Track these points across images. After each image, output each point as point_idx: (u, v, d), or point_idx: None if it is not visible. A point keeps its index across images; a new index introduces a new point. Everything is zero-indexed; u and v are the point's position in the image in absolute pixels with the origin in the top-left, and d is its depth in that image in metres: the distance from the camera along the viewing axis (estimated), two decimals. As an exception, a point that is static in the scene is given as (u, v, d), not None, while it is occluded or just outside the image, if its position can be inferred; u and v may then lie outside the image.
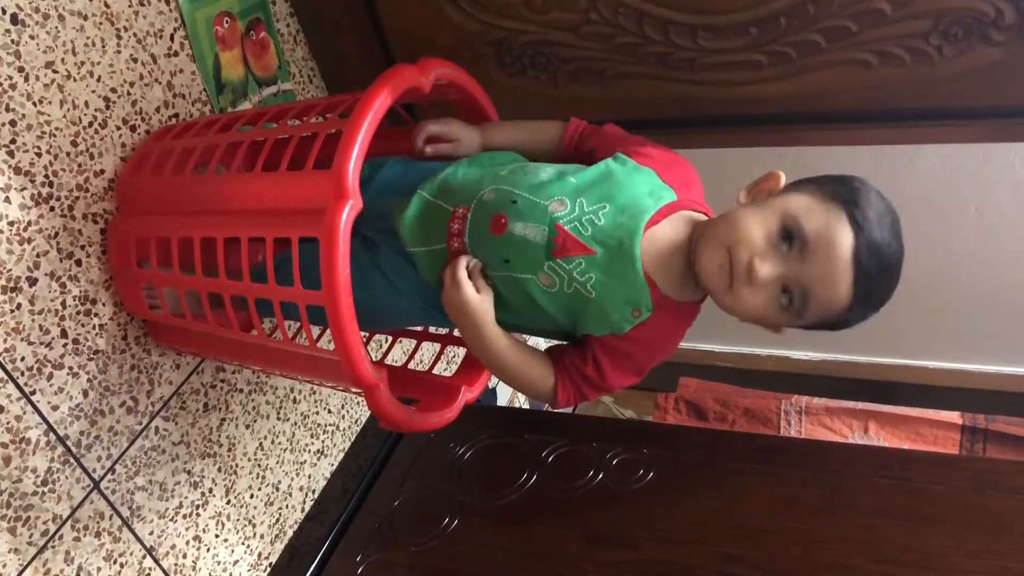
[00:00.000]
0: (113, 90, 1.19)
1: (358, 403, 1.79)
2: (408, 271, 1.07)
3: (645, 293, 0.97)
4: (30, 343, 1.09)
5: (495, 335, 1.00)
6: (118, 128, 1.20)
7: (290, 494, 1.60)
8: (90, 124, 1.15)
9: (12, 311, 1.06)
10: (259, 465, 1.51)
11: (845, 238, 0.87)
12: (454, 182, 1.06)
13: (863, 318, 0.93)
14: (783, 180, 0.98)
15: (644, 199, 0.98)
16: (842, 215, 0.88)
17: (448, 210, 1.03)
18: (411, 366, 1.29)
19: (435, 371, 1.26)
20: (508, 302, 1.02)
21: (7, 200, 1.05)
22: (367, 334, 1.37)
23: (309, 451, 1.64)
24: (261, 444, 1.51)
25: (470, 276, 0.99)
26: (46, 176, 1.10)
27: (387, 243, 1.09)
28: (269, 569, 1.55)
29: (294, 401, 1.59)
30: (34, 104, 1.08)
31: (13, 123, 1.06)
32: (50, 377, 1.11)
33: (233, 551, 1.46)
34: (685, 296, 1.01)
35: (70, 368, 1.14)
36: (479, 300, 0.98)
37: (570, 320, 1.01)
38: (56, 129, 1.11)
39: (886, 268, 0.90)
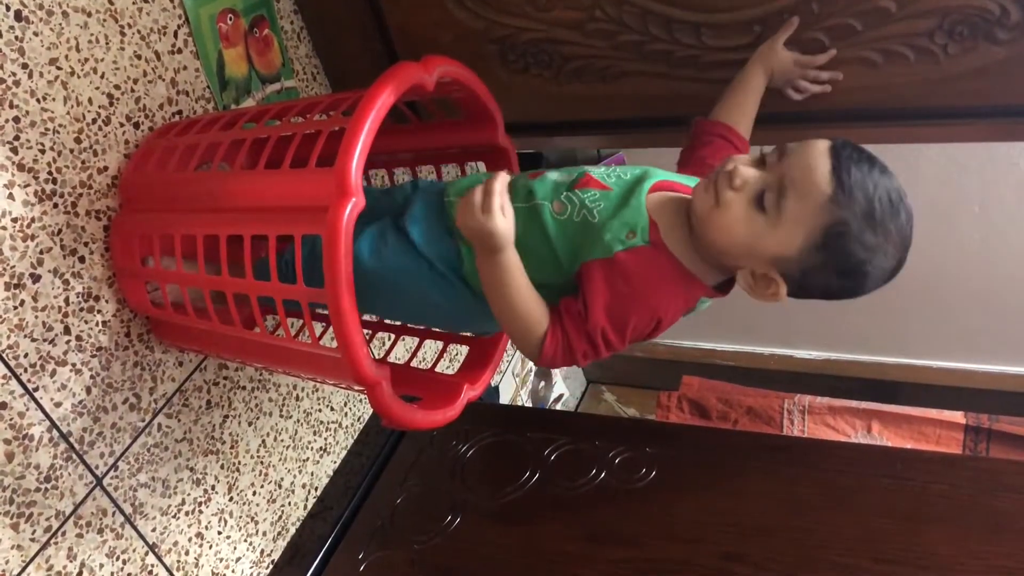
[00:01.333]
0: (117, 87, 1.19)
1: (361, 401, 1.79)
2: (434, 225, 1.11)
3: (644, 221, 0.99)
4: (33, 340, 1.09)
5: (515, 262, 0.97)
6: (121, 125, 1.20)
7: (292, 491, 1.60)
8: (94, 121, 1.15)
9: (15, 308, 1.06)
10: (262, 462, 1.51)
11: (821, 141, 0.90)
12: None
13: (858, 239, 0.89)
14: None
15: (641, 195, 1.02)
16: (824, 140, 0.90)
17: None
18: (413, 364, 1.29)
19: (437, 369, 1.26)
20: (517, 239, 1.01)
21: (11, 197, 1.05)
22: (370, 332, 1.37)
23: (312, 448, 1.65)
24: (264, 441, 1.52)
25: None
26: (50, 173, 1.10)
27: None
28: (271, 566, 1.55)
29: (297, 398, 1.60)
30: (38, 101, 1.08)
31: (17, 120, 1.06)
32: (53, 374, 1.12)
33: (236, 548, 1.46)
34: (684, 258, 0.99)
35: (73, 365, 1.14)
36: (507, 224, 0.95)
37: (571, 254, 1.01)
38: (60, 126, 1.11)
39: (871, 170, 0.89)
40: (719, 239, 0.95)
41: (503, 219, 0.94)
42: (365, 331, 1.07)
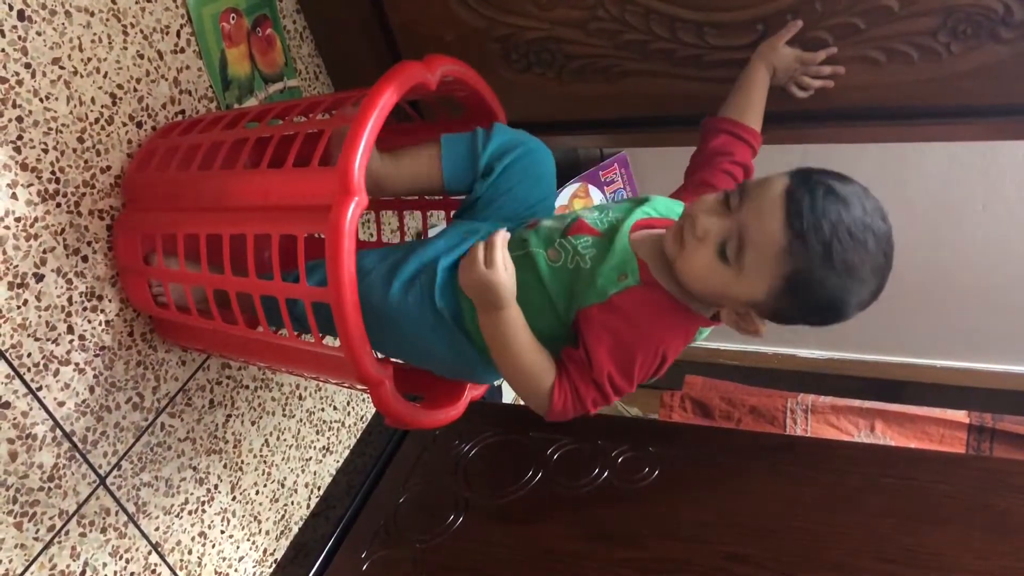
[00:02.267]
0: (120, 86, 1.19)
1: (363, 400, 1.79)
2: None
3: (633, 263, 0.99)
4: (36, 339, 1.09)
5: (516, 314, 0.98)
6: (124, 124, 1.20)
7: (295, 491, 1.60)
8: (96, 120, 1.16)
9: (19, 307, 1.07)
10: (265, 462, 1.51)
11: (779, 181, 0.89)
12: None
13: (822, 283, 0.87)
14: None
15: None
16: (783, 175, 0.90)
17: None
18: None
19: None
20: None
21: (14, 196, 1.05)
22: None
23: (315, 448, 1.65)
24: (267, 440, 1.52)
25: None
26: (53, 172, 1.10)
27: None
28: (274, 565, 1.55)
29: (300, 398, 1.60)
30: (41, 100, 1.08)
31: (20, 119, 1.06)
32: (56, 373, 1.12)
33: (238, 547, 1.46)
34: (677, 293, 0.99)
35: (76, 364, 1.14)
36: (509, 278, 0.96)
37: (567, 301, 1.01)
38: (63, 125, 1.11)
39: (827, 209, 0.86)
40: (691, 285, 0.97)
41: (505, 273, 0.95)
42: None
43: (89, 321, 1.16)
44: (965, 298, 2.09)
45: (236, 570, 1.46)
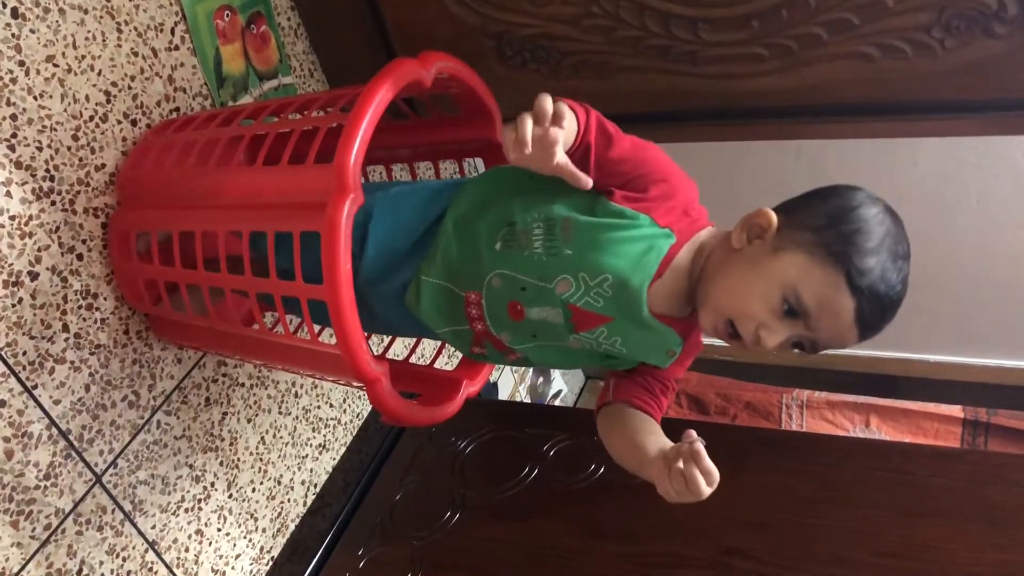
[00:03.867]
0: (114, 84, 1.19)
1: (360, 397, 1.79)
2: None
3: (671, 336, 1.00)
4: (32, 337, 1.09)
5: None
6: (119, 122, 1.19)
7: (292, 488, 1.60)
8: (91, 118, 1.15)
9: (14, 305, 1.06)
10: (261, 459, 1.51)
11: (847, 306, 0.88)
12: (453, 256, 1.02)
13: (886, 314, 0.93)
14: (774, 220, 0.93)
15: (644, 259, 0.95)
16: (840, 279, 0.87)
17: (460, 295, 1.03)
18: (412, 360, 1.30)
19: (436, 365, 1.26)
20: (543, 358, 1.06)
21: (8, 194, 1.05)
22: (368, 328, 1.37)
23: (311, 445, 1.65)
24: (263, 438, 1.52)
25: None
26: (47, 170, 1.10)
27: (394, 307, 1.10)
28: (271, 563, 1.55)
29: (296, 395, 1.60)
30: (35, 98, 1.08)
31: (14, 117, 1.05)
32: (52, 371, 1.12)
33: (235, 545, 1.46)
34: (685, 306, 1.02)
35: (72, 362, 1.14)
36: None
37: (609, 359, 1.05)
38: (57, 123, 1.11)
39: (890, 310, 0.91)
40: None
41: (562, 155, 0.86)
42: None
43: (84, 319, 1.16)
44: (960, 293, 2.09)
45: (233, 568, 1.46)
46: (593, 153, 0.91)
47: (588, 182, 0.89)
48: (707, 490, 0.86)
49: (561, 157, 0.85)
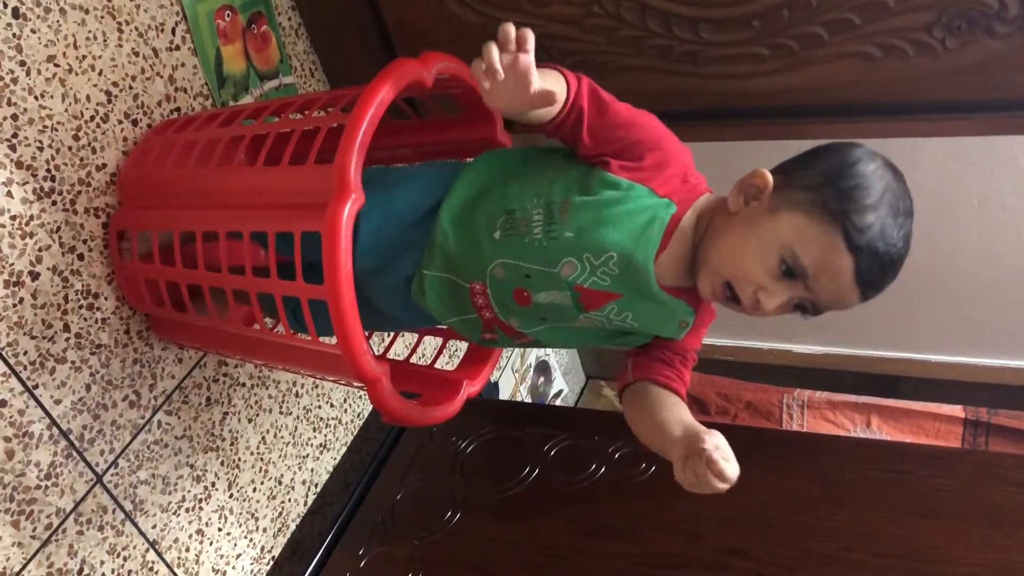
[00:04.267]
0: (115, 84, 1.19)
1: (360, 397, 1.79)
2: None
3: (682, 307, 0.99)
4: (33, 337, 1.09)
5: None
6: (120, 122, 1.19)
7: (292, 488, 1.60)
8: (92, 118, 1.15)
9: (15, 305, 1.06)
10: (262, 459, 1.51)
11: (845, 265, 0.86)
12: (452, 251, 1.01)
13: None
14: (770, 180, 0.92)
15: (646, 232, 0.93)
16: (837, 237, 0.86)
17: (464, 286, 1.03)
18: (413, 360, 1.30)
19: (437, 365, 1.26)
20: (555, 339, 1.06)
21: (9, 194, 1.05)
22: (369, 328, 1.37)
23: (311, 445, 1.65)
24: (264, 438, 1.52)
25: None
26: (48, 170, 1.10)
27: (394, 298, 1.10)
28: (272, 563, 1.55)
29: (296, 395, 1.60)
30: (36, 98, 1.08)
31: (15, 117, 1.06)
32: (53, 371, 1.12)
33: (236, 544, 1.46)
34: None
35: (73, 362, 1.14)
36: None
37: (622, 337, 1.04)
38: (58, 123, 1.11)
39: (890, 268, 0.88)
40: None
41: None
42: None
43: (85, 319, 1.16)
44: (961, 293, 2.09)
45: (234, 567, 1.46)
46: (586, 118, 0.90)
47: (561, 95, 0.88)
48: (721, 487, 0.84)
49: (536, 83, 0.83)
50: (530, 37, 0.82)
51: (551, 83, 0.85)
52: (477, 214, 1.01)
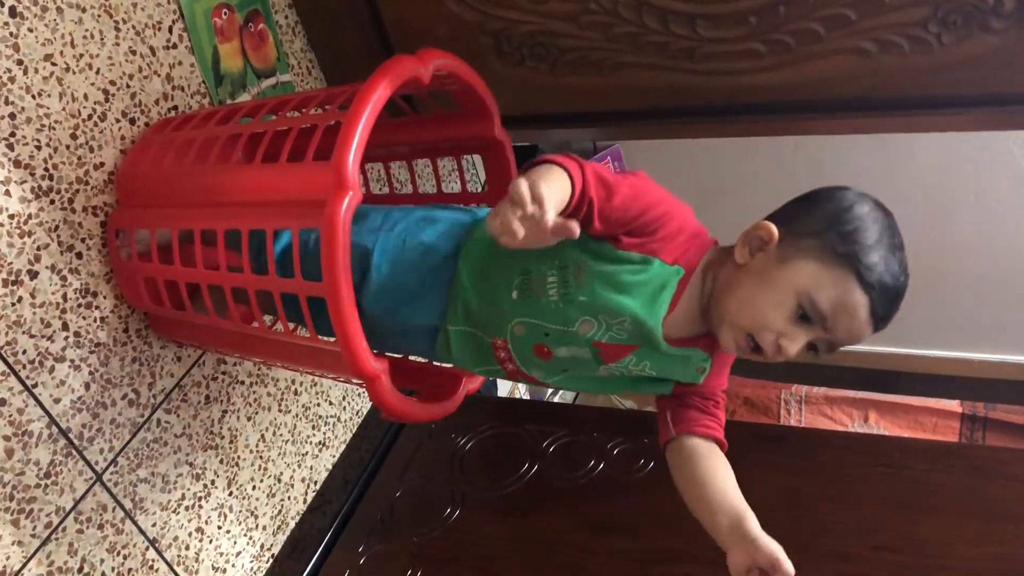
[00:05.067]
0: (112, 83, 1.19)
1: (359, 394, 1.79)
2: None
3: (697, 355, 1.03)
4: (31, 336, 1.09)
5: None
6: (117, 121, 1.19)
7: (292, 485, 1.60)
8: (89, 117, 1.15)
9: (13, 304, 1.07)
10: (261, 457, 1.51)
11: (861, 303, 0.91)
12: (473, 307, 1.03)
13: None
14: (775, 232, 0.94)
15: (657, 299, 0.97)
16: (851, 278, 0.90)
17: (487, 341, 1.05)
18: (412, 357, 1.30)
19: (436, 362, 1.26)
20: (577, 386, 1.11)
21: (7, 193, 1.05)
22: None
23: (311, 443, 1.65)
24: (263, 436, 1.52)
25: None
26: (46, 169, 1.10)
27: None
28: (271, 560, 1.55)
29: (295, 393, 1.60)
30: (33, 97, 1.08)
31: (12, 116, 1.06)
32: (52, 370, 1.12)
33: (236, 542, 1.46)
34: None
35: (72, 361, 1.14)
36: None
37: (645, 384, 1.07)
38: (55, 122, 1.11)
39: (898, 299, 0.93)
40: None
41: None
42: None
43: (84, 318, 1.16)
44: (958, 288, 2.10)
45: (233, 565, 1.46)
46: (596, 206, 0.90)
47: (578, 230, 0.83)
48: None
49: (552, 218, 0.80)
50: (547, 197, 0.79)
51: (557, 189, 0.84)
52: (494, 273, 1.02)
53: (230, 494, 1.45)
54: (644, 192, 0.94)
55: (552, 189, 0.82)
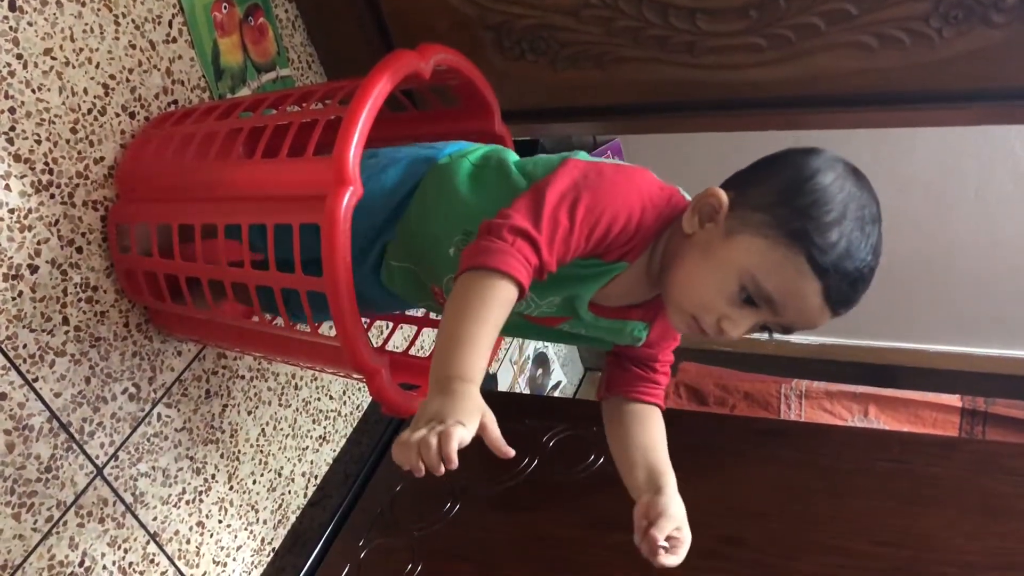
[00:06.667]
0: (112, 77, 1.18)
1: (359, 389, 1.79)
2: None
3: (634, 325, 0.99)
4: (32, 330, 1.09)
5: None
6: (117, 115, 1.19)
7: (292, 480, 1.60)
8: (89, 111, 1.15)
9: (14, 299, 1.07)
10: (261, 451, 1.52)
11: (812, 288, 0.81)
12: (415, 253, 1.02)
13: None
14: (724, 199, 0.86)
15: (590, 285, 0.92)
16: (800, 260, 0.80)
17: (426, 284, 1.04)
18: (412, 352, 1.30)
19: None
20: (518, 335, 1.08)
21: (7, 188, 1.05)
22: (368, 320, 1.37)
23: (311, 437, 1.65)
24: (263, 430, 1.52)
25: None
26: (46, 163, 1.10)
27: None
28: (272, 554, 1.55)
29: (296, 387, 1.60)
30: (33, 91, 1.08)
31: (12, 110, 1.05)
32: (52, 364, 1.12)
33: (236, 536, 1.47)
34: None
35: (72, 355, 1.14)
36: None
37: (581, 339, 1.04)
38: (55, 116, 1.11)
39: (862, 282, 0.82)
40: None
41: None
42: (363, 319, 1.07)
43: (84, 312, 1.16)
44: (958, 283, 2.10)
45: (234, 559, 1.47)
46: (553, 268, 0.85)
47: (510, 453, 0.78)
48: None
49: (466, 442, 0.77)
50: (456, 446, 0.77)
51: (484, 355, 0.80)
52: (438, 221, 0.98)
53: (231, 488, 1.45)
54: (598, 224, 0.86)
55: (477, 366, 0.78)
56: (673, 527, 0.93)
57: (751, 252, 0.82)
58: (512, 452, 0.77)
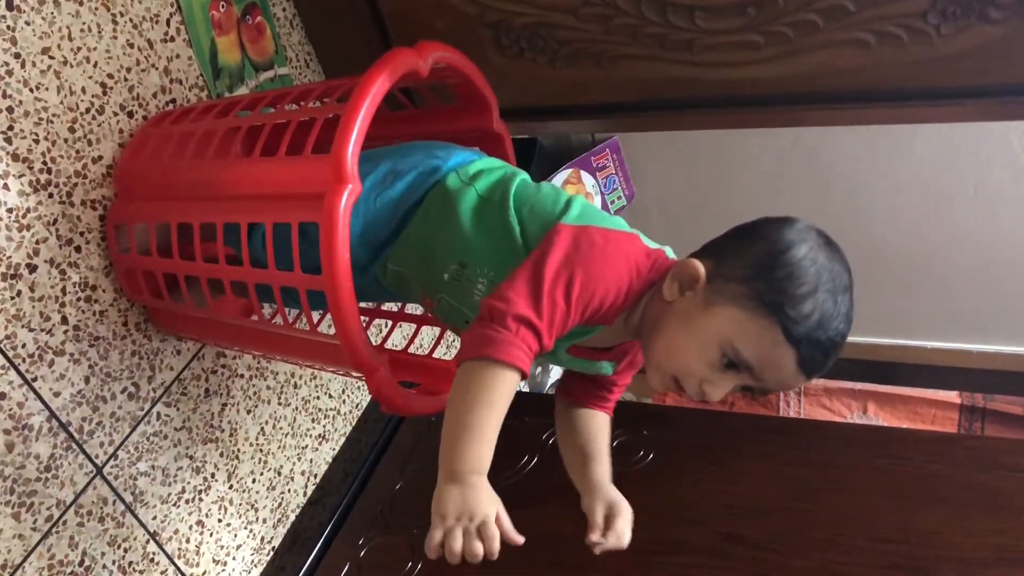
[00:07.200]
0: (110, 76, 1.18)
1: (359, 387, 1.79)
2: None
3: (602, 364, 1.04)
4: (31, 330, 1.09)
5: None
6: (116, 114, 1.19)
7: (292, 479, 1.60)
8: (87, 110, 1.15)
9: (12, 298, 1.07)
10: (261, 450, 1.52)
11: (787, 356, 0.85)
12: (412, 261, 1.04)
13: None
14: (702, 272, 0.89)
15: (568, 339, 0.96)
16: (776, 331, 0.84)
17: (417, 292, 1.07)
18: (411, 350, 1.30)
19: (435, 355, 1.27)
20: None
21: (5, 187, 1.05)
22: (367, 318, 1.37)
23: (310, 436, 1.65)
24: (263, 429, 1.52)
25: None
26: (44, 163, 1.10)
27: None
28: (272, 553, 1.56)
29: (295, 386, 1.60)
30: (31, 90, 1.08)
31: (10, 109, 1.05)
32: (51, 364, 1.12)
33: (236, 535, 1.47)
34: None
35: (71, 355, 1.14)
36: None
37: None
38: (53, 115, 1.11)
39: (833, 350, 0.88)
40: None
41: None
42: (362, 317, 1.07)
43: (83, 311, 1.16)
44: (957, 280, 2.10)
45: (234, 558, 1.47)
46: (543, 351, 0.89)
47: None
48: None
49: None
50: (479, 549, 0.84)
51: (489, 446, 0.90)
52: (438, 242, 1.01)
53: (230, 487, 1.45)
54: (591, 302, 0.89)
55: (488, 457, 0.89)
56: (604, 510, 1.02)
57: (731, 322, 0.86)
58: (522, 539, 0.87)
